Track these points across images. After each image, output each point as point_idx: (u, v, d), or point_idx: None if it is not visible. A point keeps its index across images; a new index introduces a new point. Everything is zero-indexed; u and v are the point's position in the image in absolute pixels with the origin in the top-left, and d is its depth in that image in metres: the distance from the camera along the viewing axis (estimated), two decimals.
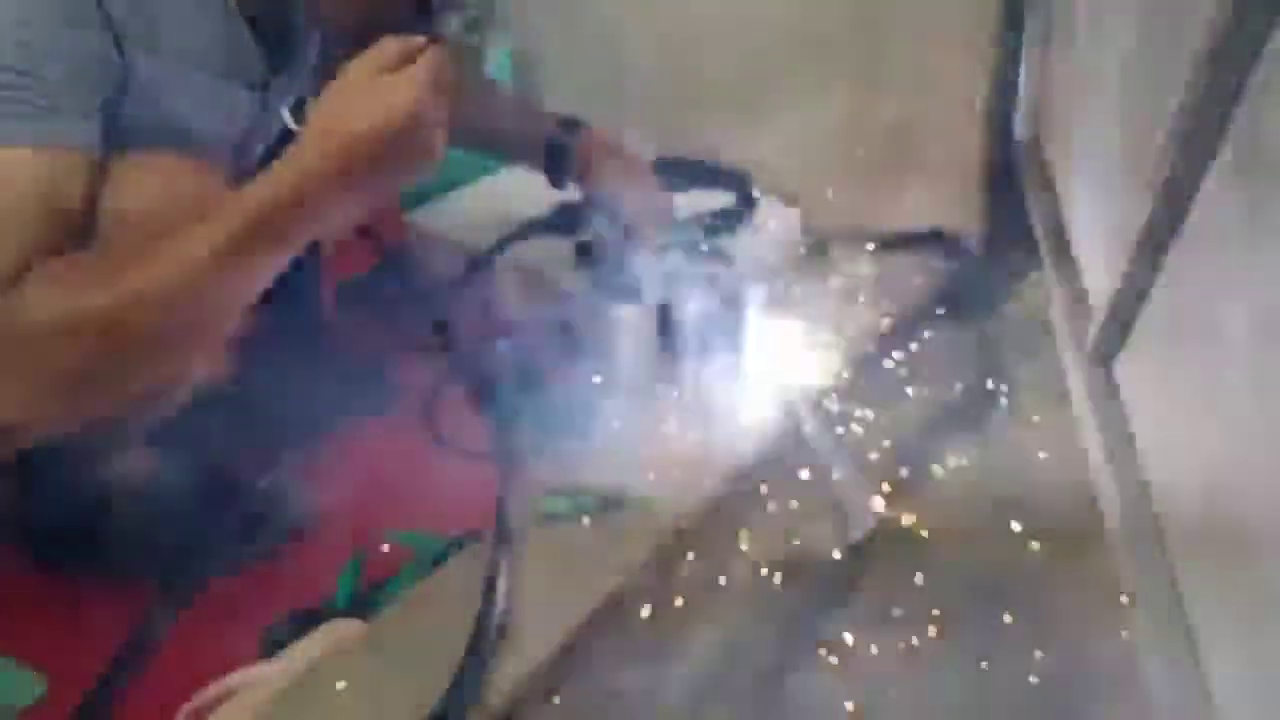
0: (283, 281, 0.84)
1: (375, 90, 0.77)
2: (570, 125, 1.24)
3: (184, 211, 0.76)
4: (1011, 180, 1.36)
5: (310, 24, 0.97)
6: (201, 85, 0.87)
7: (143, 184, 0.80)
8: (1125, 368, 0.89)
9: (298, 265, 0.84)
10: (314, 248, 1.09)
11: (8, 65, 0.70)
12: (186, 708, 0.84)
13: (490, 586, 0.89)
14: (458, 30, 1.75)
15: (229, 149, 0.97)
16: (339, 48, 0.83)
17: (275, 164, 0.77)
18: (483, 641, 0.84)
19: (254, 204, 0.74)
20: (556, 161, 1.24)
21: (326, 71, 0.82)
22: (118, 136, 0.80)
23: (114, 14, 0.76)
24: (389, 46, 0.79)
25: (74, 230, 0.76)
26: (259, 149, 1.02)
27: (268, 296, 0.86)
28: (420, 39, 0.80)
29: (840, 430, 1.14)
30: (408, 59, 0.78)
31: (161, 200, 0.79)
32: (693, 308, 1.24)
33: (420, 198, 1.52)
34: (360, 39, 0.80)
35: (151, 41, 0.80)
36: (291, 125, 0.97)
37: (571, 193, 1.29)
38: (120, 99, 0.79)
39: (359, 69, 0.78)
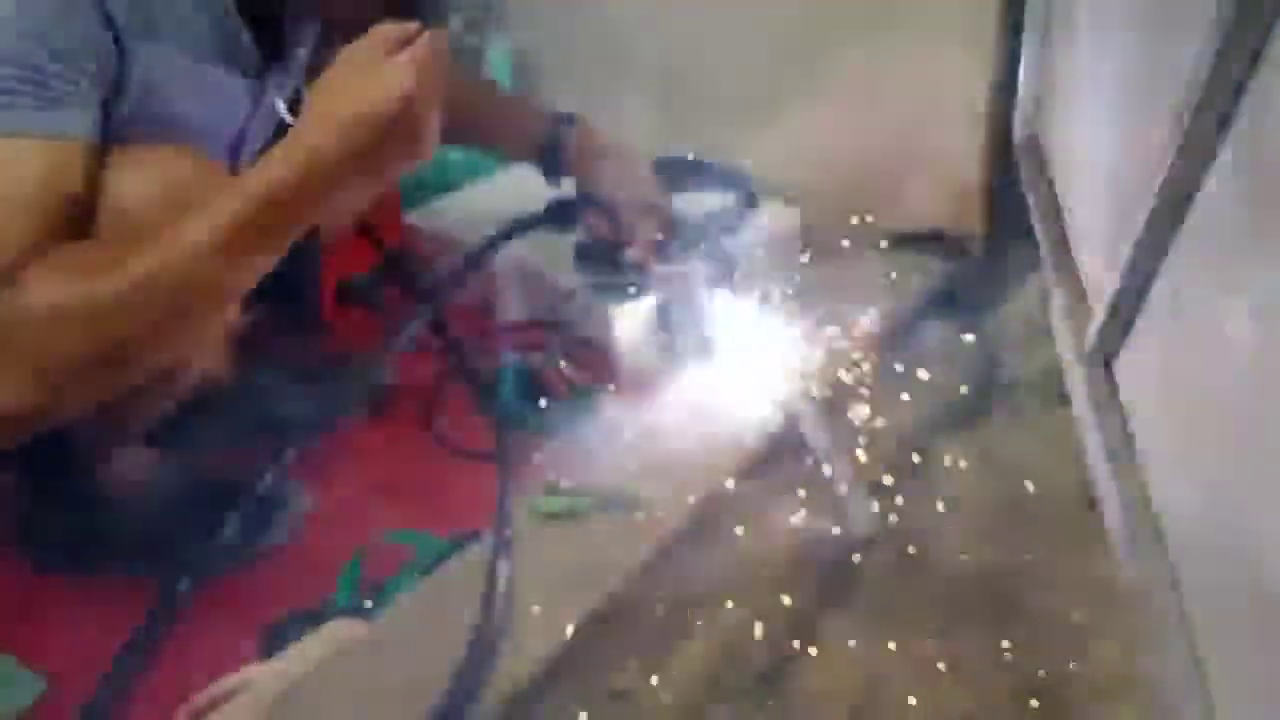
0: (282, 280, 0.84)
1: (371, 74, 0.77)
2: (564, 120, 1.24)
3: (184, 201, 0.76)
4: (1011, 180, 1.36)
5: (305, 16, 0.97)
6: (199, 77, 0.87)
7: (143, 174, 0.80)
8: (1125, 368, 0.89)
9: (297, 263, 0.84)
10: (313, 245, 1.09)
11: (8, 57, 0.71)
12: (186, 708, 0.84)
13: (490, 586, 0.89)
14: (458, 30, 1.76)
15: (226, 141, 0.97)
16: (334, 40, 0.84)
17: (274, 149, 0.77)
18: (483, 641, 0.84)
19: (254, 189, 0.75)
20: (550, 156, 1.24)
21: (321, 64, 0.82)
22: (117, 127, 0.80)
23: (112, 7, 0.76)
24: (385, 32, 0.79)
25: (75, 220, 0.76)
26: (256, 143, 1.02)
27: (267, 296, 0.86)
28: (415, 25, 0.80)
29: (839, 430, 1.14)
30: (403, 44, 0.79)
31: (161, 190, 0.80)
32: (692, 307, 1.24)
33: (420, 198, 1.52)
34: (356, 31, 0.80)
35: (150, 33, 0.80)
36: (287, 119, 0.97)
37: (566, 188, 1.29)
38: (119, 90, 0.79)
39: (355, 54, 0.79)
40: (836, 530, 1.02)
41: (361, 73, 0.77)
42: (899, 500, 1.07)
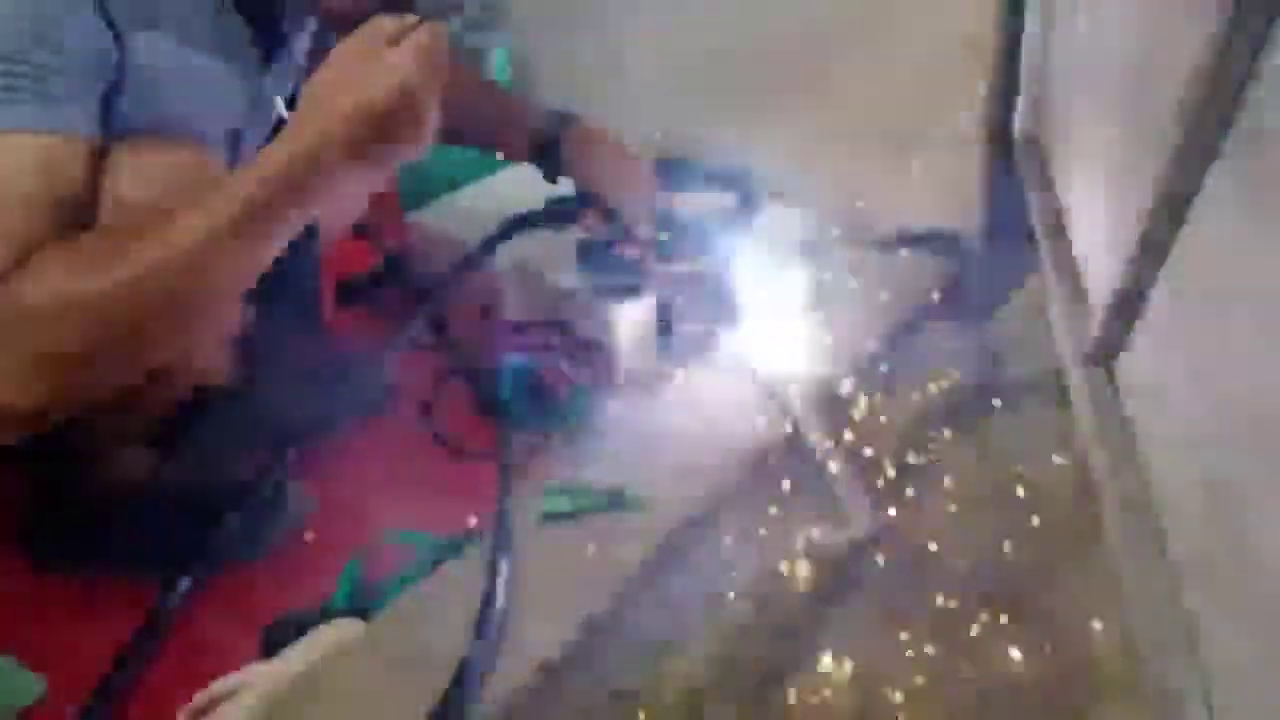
0: (282, 281, 0.84)
1: (369, 65, 0.77)
2: (564, 120, 1.24)
3: (183, 198, 0.76)
4: (1011, 180, 1.36)
5: (304, 11, 0.97)
6: (198, 73, 0.87)
7: (142, 170, 0.80)
8: (1125, 368, 0.89)
9: (297, 264, 0.84)
10: (313, 245, 1.09)
11: (6, 54, 0.71)
12: (186, 708, 0.84)
13: (490, 586, 0.89)
14: (458, 30, 1.76)
15: (226, 138, 0.97)
16: (332, 35, 0.84)
17: (272, 142, 0.77)
18: (483, 641, 0.84)
19: (253, 183, 0.75)
20: (549, 156, 1.24)
21: (319, 59, 0.82)
22: (117, 123, 0.80)
23: (111, 3, 0.76)
24: (383, 24, 0.79)
25: (75, 216, 0.77)
26: (255, 138, 1.03)
27: (267, 296, 0.86)
28: (413, 18, 0.80)
29: (840, 430, 1.14)
30: (401, 36, 0.79)
31: (161, 186, 0.80)
32: (692, 307, 1.24)
33: (420, 198, 1.51)
34: (353, 25, 0.80)
35: (148, 29, 0.80)
36: (285, 115, 0.97)
37: (566, 187, 1.28)
38: (119, 86, 0.79)
39: (353, 45, 0.79)
40: (836, 530, 1.02)
41: (359, 64, 0.78)
42: (899, 500, 1.07)
